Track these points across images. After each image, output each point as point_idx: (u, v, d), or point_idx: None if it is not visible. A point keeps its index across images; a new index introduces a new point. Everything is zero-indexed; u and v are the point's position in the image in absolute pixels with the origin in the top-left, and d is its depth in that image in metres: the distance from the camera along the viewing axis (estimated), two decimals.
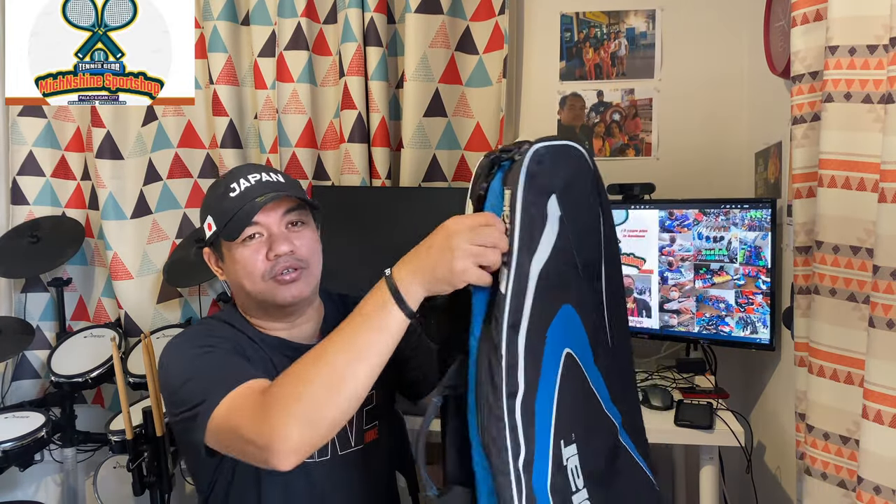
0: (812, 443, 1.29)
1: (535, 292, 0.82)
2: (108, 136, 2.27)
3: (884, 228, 1.03)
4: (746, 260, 1.82)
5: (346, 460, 1.20)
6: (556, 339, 0.85)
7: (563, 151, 0.86)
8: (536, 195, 0.82)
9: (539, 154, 0.83)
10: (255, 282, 1.13)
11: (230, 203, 1.12)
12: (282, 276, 1.12)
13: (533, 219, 0.82)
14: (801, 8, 1.32)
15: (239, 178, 1.14)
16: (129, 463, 1.82)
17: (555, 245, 0.84)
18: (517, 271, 0.81)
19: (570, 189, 0.85)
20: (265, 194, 1.12)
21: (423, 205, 2.20)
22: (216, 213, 1.14)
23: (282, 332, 1.19)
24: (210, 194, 1.19)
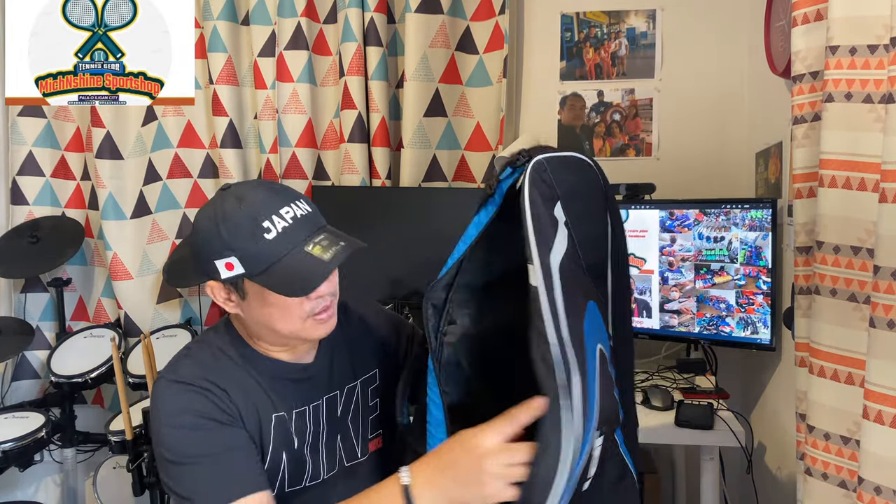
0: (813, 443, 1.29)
1: (562, 289, 0.84)
2: (107, 136, 2.27)
3: (884, 228, 1.02)
4: (747, 260, 1.82)
5: (354, 471, 1.19)
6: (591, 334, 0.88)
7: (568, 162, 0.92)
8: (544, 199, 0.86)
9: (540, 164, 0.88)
10: (291, 322, 1.04)
11: (268, 247, 0.98)
12: (320, 315, 1.06)
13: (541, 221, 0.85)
14: (801, 8, 1.32)
15: (270, 215, 0.99)
16: (128, 463, 1.82)
17: (567, 245, 0.88)
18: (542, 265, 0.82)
19: (574, 197, 0.90)
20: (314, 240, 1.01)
21: (423, 205, 2.20)
22: (245, 258, 0.99)
23: (282, 353, 1.13)
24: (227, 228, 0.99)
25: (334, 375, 1.18)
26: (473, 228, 0.96)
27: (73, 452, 2.21)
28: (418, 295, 2.16)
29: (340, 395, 1.19)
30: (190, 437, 1.01)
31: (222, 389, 1.05)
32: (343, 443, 1.18)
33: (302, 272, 0.99)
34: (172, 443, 1.01)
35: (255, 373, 1.11)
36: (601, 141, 2.36)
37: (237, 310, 1.07)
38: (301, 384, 1.14)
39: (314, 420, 1.15)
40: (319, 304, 1.05)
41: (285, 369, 1.13)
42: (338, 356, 1.20)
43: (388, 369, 1.26)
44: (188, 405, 1.03)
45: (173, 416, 1.03)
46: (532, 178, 0.86)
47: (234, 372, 1.09)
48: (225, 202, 1.02)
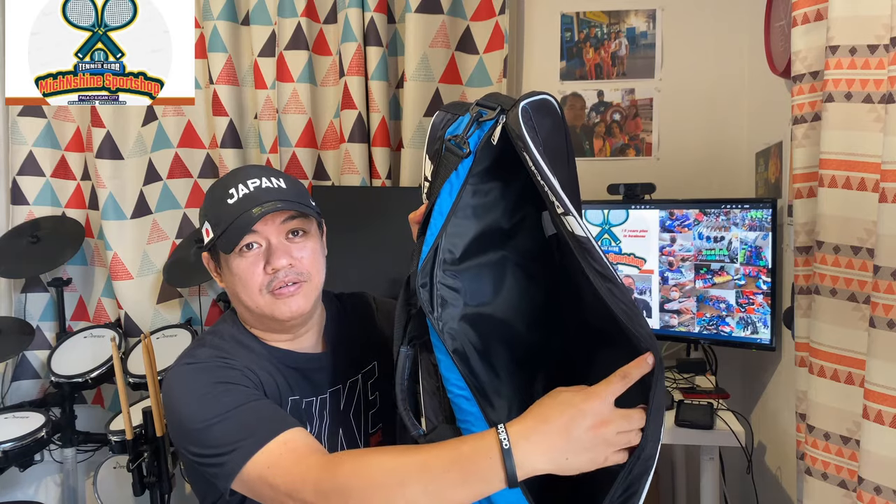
0: (813, 443, 1.29)
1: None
2: (108, 136, 2.27)
3: (884, 228, 1.02)
4: (747, 260, 1.82)
5: None
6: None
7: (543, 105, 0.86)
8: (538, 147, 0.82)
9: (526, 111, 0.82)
10: (252, 295, 1.07)
11: (227, 210, 1.05)
12: (280, 290, 1.06)
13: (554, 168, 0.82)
14: (801, 8, 1.32)
15: (238, 184, 1.07)
16: (129, 463, 1.82)
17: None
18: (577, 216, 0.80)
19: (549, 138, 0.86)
20: (263, 203, 1.04)
21: None
22: (213, 220, 1.07)
23: (284, 343, 1.14)
24: (209, 198, 1.11)
25: (338, 369, 1.19)
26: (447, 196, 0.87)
27: (73, 452, 2.21)
28: None
29: (343, 389, 1.19)
30: (216, 400, 0.99)
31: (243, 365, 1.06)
32: (345, 436, 1.18)
33: (237, 228, 1.03)
34: (198, 411, 0.99)
35: (271, 359, 1.12)
36: (601, 141, 2.36)
37: (223, 283, 1.12)
38: (311, 374, 1.15)
39: (319, 412, 1.16)
40: (277, 278, 1.05)
41: (294, 358, 1.14)
42: (340, 349, 1.21)
43: (386, 360, 1.25)
44: (207, 377, 1.02)
45: (193, 391, 1.01)
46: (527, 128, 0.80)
47: (251, 356, 1.10)
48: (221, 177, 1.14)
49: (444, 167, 0.87)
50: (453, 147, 0.86)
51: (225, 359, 1.06)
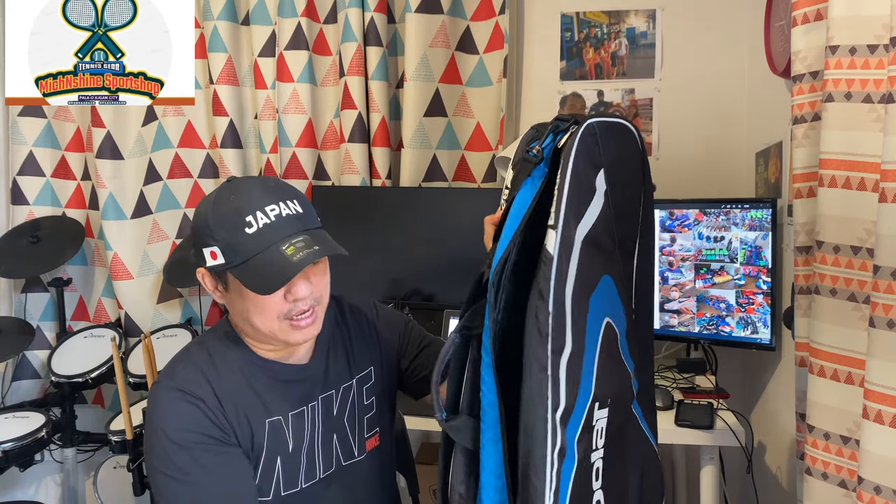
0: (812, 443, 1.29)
1: (579, 258, 0.86)
2: (108, 136, 2.27)
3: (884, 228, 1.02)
4: (747, 260, 1.82)
5: (351, 470, 1.19)
6: (599, 306, 0.89)
7: (615, 129, 0.90)
8: (587, 166, 0.86)
9: (591, 128, 0.86)
10: (267, 322, 1.05)
11: (248, 240, 1.00)
12: (297, 319, 1.05)
13: (582, 188, 0.85)
14: (801, 7, 1.32)
15: (255, 210, 1.01)
16: (129, 463, 1.82)
17: (598, 216, 0.88)
18: (564, 235, 0.84)
19: (617, 166, 0.89)
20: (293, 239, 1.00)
21: (424, 205, 2.20)
22: (226, 246, 1.01)
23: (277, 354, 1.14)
24: (216, 219, 1.03)
25: (330, 375, 1.18)
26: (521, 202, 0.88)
27: (73, 452, 2.22)
28: (418, 295, 2.16)
29: (336, 395, 1.19)
30: (185, 455, 1.02)
31: (217, 399, 1.06)
32: (339, 442, 1.18)
33: (271, 270, 0.99)
34: (166, 457, 1.02)
35: (252, 377, 1.11)
36: None
37: (223, 300, 1.10)
38: (297, 385, 1.14)
39: (311, 420, 1.15)
40: (297, 307, 1.04)
41: (282, 371, 1.13)
42: (333, 355, 1.20)
43: (384, 367, 1.26)
44: (184, 421, 1.03)
45: (170, 430, 1.03)
46: (583, 141, 0.85)
47: (230, 377, 1.09)
48: (220, 193, 1.06)
49: (521, 174, 0.90)
50: (528, 155, 0.90)
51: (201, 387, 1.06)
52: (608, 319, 0.91)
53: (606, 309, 0.91)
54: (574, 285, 0.85)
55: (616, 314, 0.94)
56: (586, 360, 0.87)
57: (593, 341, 0.89)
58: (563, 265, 0.84)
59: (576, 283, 0.85)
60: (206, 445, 1.03)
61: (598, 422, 0.91)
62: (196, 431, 1.03)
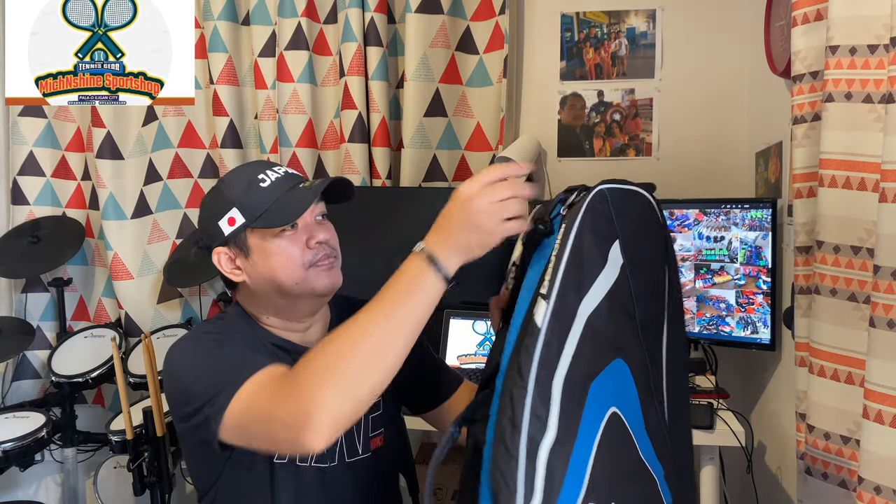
0: (813, 443, 1.29)
1: (581, 337, 0.76)
2: (108, 136, 2.27)
3: (884, 228, 1.02)
4: (747, 260, 1.82)
5: (354, 467, 1.20)
6: (602, 393, 0.78)
7: (630, 197, 0.84)
8: (597, 234, 0.78)
9: (603, 194, 0.80)
10: (294, 271, 1.09)
11: (263, 194, 1.08)
12: (321, 262, 1.11)
13: (587, 256, 0.77)
14: (801, 7, 1.32)
15: (264, 170, 1.11)
16: (129, 463, 1.82)
17: (610, 292, 0.79)
18: (558, 306, 0.75)
19: (635, 238, 0.82)
20: (301, 183, 1.11)
21: (424, 205, 2.19)
22: (244, 206, 1.08)
23: (293, 335, 1.16)
24: (230, 188, 1.11)
25: None
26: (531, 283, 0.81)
27: (73, 452, 2.22)
28: None
29: None
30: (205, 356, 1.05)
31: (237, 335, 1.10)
32: (344, 437, 1.18)
33: (293, 203, 1.08)
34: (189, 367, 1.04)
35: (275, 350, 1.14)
36: (601, 141, 2.36)
37: (243, 276, 1.12)
38: None
39: None
40: (320, 252, 1.10)
41: (296, 350, 1.14)
42: None
43: None
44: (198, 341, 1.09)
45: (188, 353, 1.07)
46: (590, 208, 0.78)
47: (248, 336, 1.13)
48: (224, 178, 1.16)
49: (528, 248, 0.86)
50: (537, 228, 0.85)
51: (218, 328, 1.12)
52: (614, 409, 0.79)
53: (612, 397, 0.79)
54: (570, 367, 0.75)
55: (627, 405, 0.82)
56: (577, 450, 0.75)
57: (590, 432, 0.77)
58: (553, 341, 0.75)
59: (572, 365, 0.75)
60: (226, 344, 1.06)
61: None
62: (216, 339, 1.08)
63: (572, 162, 2.38)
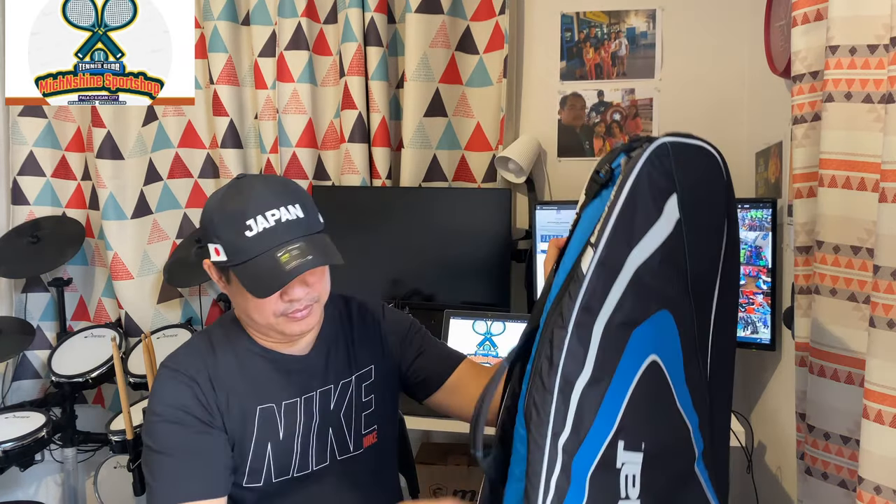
0: (813, 443, 1.29)
1: (627, 286, 0.77)
2: (108, 136, 2.27)
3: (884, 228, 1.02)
4: (747, 260, 1.82)
5: (346, 465, 1.20)
6: (643, 341, 0.80)
7: (695, 152, 0.82)
8: (653, 186, 0.77)
9: (664, 147, 0.78)
10: (264, 317, 1.10)
11: (247, 243, 1.04)
12: (293, 314, 1.10)
13: (641, 208, 0.77)
14: (801, 7, 1.32)
15: (256, 214, 1.04)
16: (129, 463, 1.82)
17: (663, 245, 0.79)
18: (606, 255, 0.75)
19: (695, 193, 0.80)
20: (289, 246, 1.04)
21: (424, 205, 2.20)
22: (228, 246, 1.05)
23: (282, 346, 1.18)
24: (219, 217, 1.07)
25: (329, 370, 1.21)
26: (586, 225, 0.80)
27: (73, 452, 2.22)
28: (418, 295, 2.16)
29: (335, 390, 1.21)
30: (168, 429, 1.09)
31: (210, 383, 1.12)
32: (335, 436, 1.20)
33: (266, 275, 1.03)
34: (153, 430, 1.09)
35: (249, 364, 1.16)
36: (601, 141, 2.36)
37: (227, 291, 1.15)
38: (294, 376, 1.18)
39: (306, 412, 1.18)
40: (293, 306, 1.09)
41: (280, 361, 1.17)
42: (334, 350, 1.22)
43: (385, 367, 1.27)
44: (174, 398, 1.11)
45: (160, 406, 1.10)
46: (649, 160, 0.76)
47: (227, 364, 1.15)
48: (228, 191, 1.10)
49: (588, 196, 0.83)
50: (597, 176, 0.81)
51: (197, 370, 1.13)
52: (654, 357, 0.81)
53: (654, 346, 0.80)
54: (612, 313, 0.76)
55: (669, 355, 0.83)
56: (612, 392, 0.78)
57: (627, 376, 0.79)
58: (597, 289, 0.75)
59: (615, 312, 0.76)
60: (188, 423, 1.09)
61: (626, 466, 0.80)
62: (180, 409, 1.10)
63: (572, 162, 2.38)
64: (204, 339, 1.19)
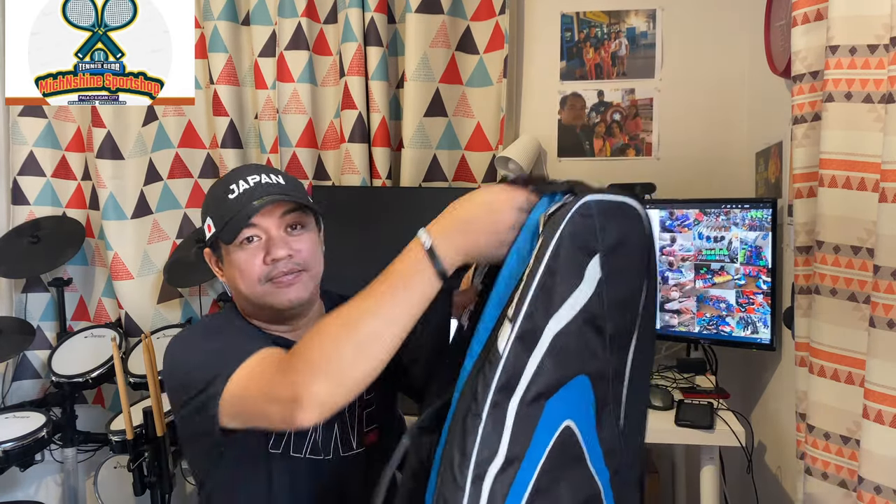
0: (813, 443, 1.29)
1: (543, 357, 0.73)
2: (108, 136, 2.27)
3: (884, 228, 1.02)
4: (747, 260, 1.82)
5: (349, 462, 1.20)
6: (558, 409, 0.76)
7: (618, 209, 0.77)
8: (575, 251, 0.73)
9: (588, 207, 0.74)
10: (251, 285, 1.11)
11: (228, 205, 1.10)
12: (279, 280, 1.10)
13: (559, 276, 0.73)
14: (801, 7, 1.32)
15: (238, 180, 1.12)
16: (129, 463, 1.82)
17: (583, 309, 0.75)
18: (524, 330, 0.71)
19: (617, 252, 0.76)
20: (263, 196, 1.10)
21: (424, 205, 2.20)
22: (215, 215, 1.13)
23: (285, 333, 1.19)
24: (210, 195, 1.17)
25: None
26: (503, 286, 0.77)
27: (73, 452, 2.21)
28: None
29: None
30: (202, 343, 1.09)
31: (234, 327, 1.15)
32: (340, 430, 1.19)
33: (238, 220, 1.08)
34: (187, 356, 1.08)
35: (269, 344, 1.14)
36: (601, 141, 2.36)
37: (224, 277, 1.17)
38: None
39: None
40: (277, 268, 1.10)
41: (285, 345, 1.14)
42: None
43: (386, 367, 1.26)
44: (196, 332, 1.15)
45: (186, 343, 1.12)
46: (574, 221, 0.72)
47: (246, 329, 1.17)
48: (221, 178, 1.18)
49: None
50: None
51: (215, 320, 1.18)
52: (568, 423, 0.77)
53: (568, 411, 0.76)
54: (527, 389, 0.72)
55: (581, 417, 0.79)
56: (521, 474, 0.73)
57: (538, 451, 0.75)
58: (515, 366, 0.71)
59: (529, 387, 0.72)
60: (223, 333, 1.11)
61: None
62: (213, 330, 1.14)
63: (572, 162, 2.38)
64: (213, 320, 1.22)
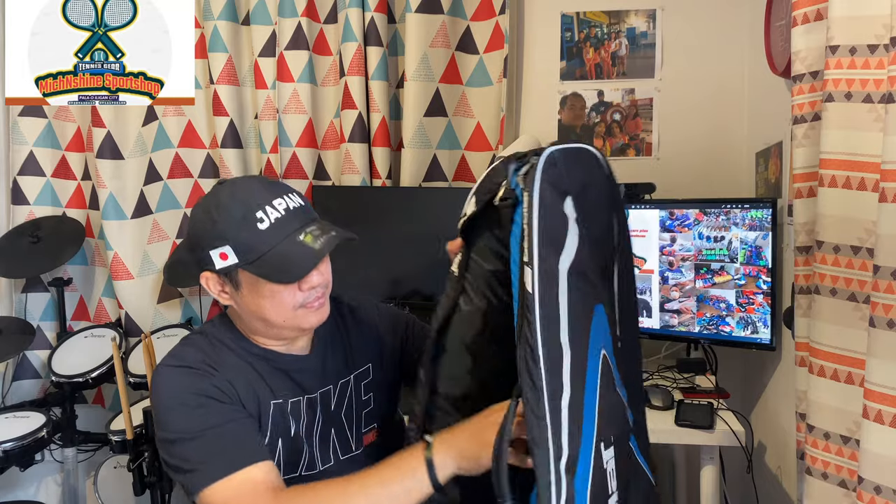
0: (813, 443, 1.29)
1: (568, 292, 0.81)
2: (108, 136, 2.27)
3: (884, 228, 1.02)
4: (747, 260, 1.82)
5: (350, 464, 1.20)
6: (597, 339, 0.85)
7: (577, 154, 0.87)
8: (554, 195, 0.82)
9: (553, 157, 0.83)
10: (284, 313, 1.08)
11: (260, 237, 1.02)
12: (311, 304, 1.09)
13: (553, 217, 0.81)
14: (801, 7, 1.32)
15: (263, 205, 1.03)
16: (129, 463, 1.82)
17: (580, 245, 0.84)
18: (542, 268, 0.79)
19: (585, 191, 0.86)
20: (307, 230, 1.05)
21: (424, 205, 2.20)
22: (238, 246, 1.02)
23: (279, 346, 1.17)
24: (221, 218, 1.03)
25: (328, 370, 1.20)
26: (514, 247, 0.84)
27: (73, 452, 2.22)
28: (418, 294, 2.16)
29: (334, 390, 1.20)
30: (192, 414, 1.03)
31: (222, 374, 1.09)
32: (337, 436, 1.19)
33: (293, 260, 1.03)
34: (174, 421, 1.04)
35: (253, 362, 1.14)
36: (601, 141, 2.36)
37: (231, 301, 1.11)
38: (296, 375, 1.17)
39: (309, 412, 1.17)
40: (312, 295, 1.09)
41: (280, 360, 1.16)
42: (331, 351, 1.22)
43: (383, 364, 1.27)
44: (189, 385, 1.06)
45: (174, 397, 1.05)
46: (545, 171, 0.81)
47: (234, 360, 1.13)
48: (220, 194, 1.07)
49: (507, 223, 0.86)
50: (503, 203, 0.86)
51: (209, 366, 1.09)
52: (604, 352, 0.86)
53: (601, 341, 0.86)
54: (569, 322, 0.80)
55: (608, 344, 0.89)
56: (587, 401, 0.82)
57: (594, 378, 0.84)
58: (548, 302, 0.79)
59: (570, 320, 0.80)
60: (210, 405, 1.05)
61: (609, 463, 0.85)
62: (199, 393, 1.05)
63: None
64: (203, 339, 1.15)
